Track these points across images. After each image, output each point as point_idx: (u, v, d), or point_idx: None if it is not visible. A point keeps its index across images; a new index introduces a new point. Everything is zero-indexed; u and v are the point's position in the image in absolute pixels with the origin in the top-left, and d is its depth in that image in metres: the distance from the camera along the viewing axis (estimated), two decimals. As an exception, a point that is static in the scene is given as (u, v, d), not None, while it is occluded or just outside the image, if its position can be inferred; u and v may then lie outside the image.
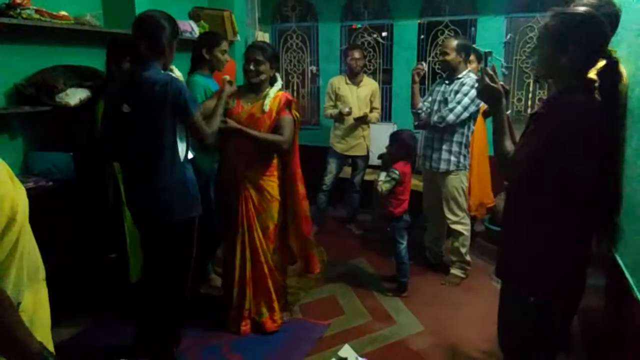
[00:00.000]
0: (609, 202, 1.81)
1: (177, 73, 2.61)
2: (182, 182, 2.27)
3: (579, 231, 1.65)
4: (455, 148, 3.37)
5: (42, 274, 1.19)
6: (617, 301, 1.98)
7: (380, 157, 3.37)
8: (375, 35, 5.14)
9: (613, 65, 1.60)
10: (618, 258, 1.98)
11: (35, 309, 1.14)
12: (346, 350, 2.62)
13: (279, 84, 2.75)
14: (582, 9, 1.58)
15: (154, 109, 2.15)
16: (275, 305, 2.86)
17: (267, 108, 2.65)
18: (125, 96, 2.22)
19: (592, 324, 2.41)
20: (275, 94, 2.69)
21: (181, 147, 2.26)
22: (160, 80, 2.14)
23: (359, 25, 5.19)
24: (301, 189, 2.84)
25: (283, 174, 2.83)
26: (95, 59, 3.05)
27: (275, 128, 2.66)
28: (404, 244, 3.31)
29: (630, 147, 1.92)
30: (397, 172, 3.14)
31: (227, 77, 2.61)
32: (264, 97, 2.67)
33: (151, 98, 2.14)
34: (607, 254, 2.02)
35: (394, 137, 3.28)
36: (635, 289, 1.76)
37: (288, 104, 2.70)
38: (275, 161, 2.76)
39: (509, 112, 1.80)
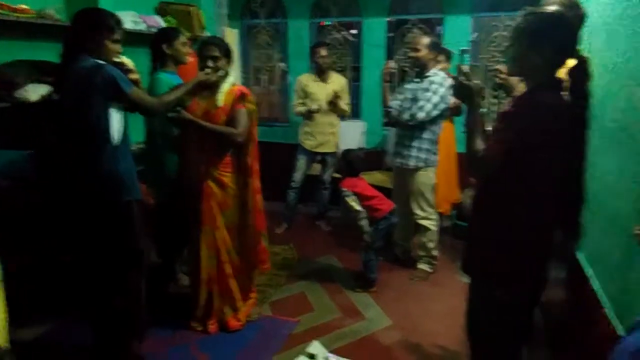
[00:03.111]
0: (572, 200, 1.87)
1: (126, 60, 2.53)
2: (114, 170, 2.23)
3: (543, 227, 1.69)
4: (425, 145, 3.43)
5: (-1, 275, 1.16)
6: (576, 292, 2.05)
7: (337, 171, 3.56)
8: (344, 33, 5.16)
9: (582, 65, 1.64)
10: (579, 252, 2.05)
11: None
12: (315, 347, 2.63)
13: (231, 78, 2.73)
14: (553, 8, 1.61)
15: (82, 95, 2.12)
16: (239, 304, 2.84)
17: (221, 103, 2.64)
18: (56, 87, 2.25)
19: (554, 315, 2.49)
20: (228, 88, 2.67)
21: (116, 134, 2.22)
22: (88, 66, 2.13)
23: (328, 23, 5.19)
24: (255, 183, 2.81)
25: (238, 168, 2.80)
26: (57, 54, 2.96)
27: (230, 122, 2.64)
28: (374, 245, 3.35)
29: (591, 146, 1.99)
30: (345, 191, 3.31)
31: (208, 70, 2.60)
32: (218, 93, 2.66)
33: (79, 85, 2.12)
34: (568, 249, 2.09)
35: (343, 155, 3.54)
36: (593, 280, 1.83)
37: (242, 97, 2.68)
38: (231, 157, 2.74)
39: (483, 110, 1.82)
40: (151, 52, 3.06)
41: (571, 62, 1.65)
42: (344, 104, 4.33)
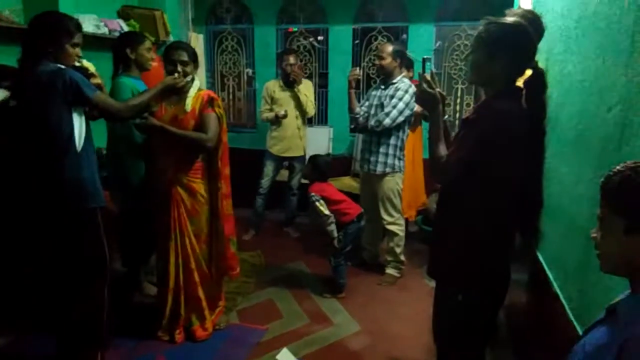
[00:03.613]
0: (531, 204, 1.93)
1: (87, 64, 2.48)
2: (76, 178, 2.18)
3: (503, 232, 1.74)
4: (391, 151, 3.48)
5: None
6: (538, 294, 2.11)
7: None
8: (311, 39, 5.19)
9: (539, 76, 1.70)
10: (539, 255, 2.12)
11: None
12: (284, 354, 2.62)
13: (197, 82, 2.70)
14: (512, 19, 1.67)
15: (43, 100, 2.07)
16: (206, 313, 2.80)
17: (189, 108, 2.61)
18: (14, 92, 2.20)
19: (516, 316, 2.56)
20: (196, 93, 2.65)
21: (78, 140, 2.17)
22: (48, 71, 2.08)
23: (295, 29, 5.21)
24: (224, 187, 2.78)
25: (209, 174, 2.77)
26: (14, 58, 2.87)
27: (199, 127, 2.61)
28: (344, 249, 3.36)
29: (548, 152, 2.06)
30: (313, 195, 3.32)
31: (176, 75, 2.57)
32: (186, 97, 2.63)
33: (39, 90, 2.07)
34: (529, 252, 2.15)
35: (309, 160, 3.55)
36: (553, 282, 1.89)
37: (210, 102, 2.65)
38: (201, 163, 2.71)
39: (446, 117, 1.85)
40: (113, 56, 3.00)
41: (529, 72, 1.71)
42: (309, 101, 4.32)
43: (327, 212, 3.29)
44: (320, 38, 5.16)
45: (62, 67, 2.12)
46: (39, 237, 2.37)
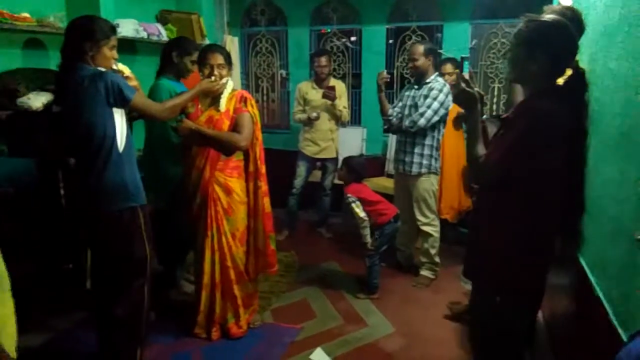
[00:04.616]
0: (573, 206, 1.87)
1: (122, 67, 2.54)
2: (120, 179, 2.22)
3: (544, 234, 1.70)
4: (426, 151, 3.45)
5: (7, 284, 1.16)
6: (579, 298, 2.05)
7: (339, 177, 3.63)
8: (344, 40, 5.19)
9: (580, 74, 1.66)
10: (580, 259, 2.06)
11: (3, 321, 1.11)
12: (318, 354, 2.63)
13: (231, 83, 2.74)
14: (552, 16, 1.63)
15: (86, 104, 2.12)
16: (241, 311, 2.83)
17: (223, 108, 2.65)
18: (56, 97, 2.25)
19: (557, 322, 2.49)
20: (230, 93, 2.69)
21: (120, 141, 2.22)
22: (89, 75, 2.13)
23: (328, 30, 5.22)
24: (264, 186, 2.82)
25: (245, 173, 2.81)
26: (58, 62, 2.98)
27: (234, 127, 2.65)
28: (380, 249, 3.35)
29: (591, 152, 2.00)
30: (349, 197, 3.32)
31: (213, 78, 2.62)
32: (220, 98, 2.67)
33: (81, 94, 2.12)
34: (570, 255, 2.09)
35: (344, 162, 3.53)
36: (595, 286, 1.83)
37: (244, 102, 2.69)
38: (238, 161, 2.75)
39: (484, 117, 1.82)
40: (161, 56, 3.08)
41: (569, 71, 1.67)
42: (341, 106, 4.33)
43: (362, 214, 3.28)
44: (353, 39, 5.15)
45: (102, 69, 2.18)
46: (81, 235, 2.44)
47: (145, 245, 2.33)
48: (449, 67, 3.90)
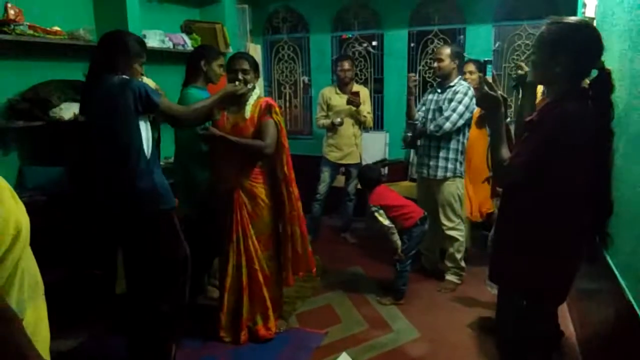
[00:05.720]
0: (600, 208, 1.84)
1: (146, 79, 2.61)
2: (150, 183, 2.27)
3: (570, 236, 1.68)
4: (452, 155, 3.43)
5: (41, 289, 1.20)
6: (609, 303, 2.01)
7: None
8: (365, 45, 5.20)
9: (605, 76, 1.63)
10: (610, 261, 2.01)
11: (37, 325, 1.14)
12: (344, 359, 2.63)
13: (257, 90, 2.78)
14: (575, 18, 1.61)
15: (115, 112, 2.17)
16: (270, 313, 2.86)
17: (248, 115, 2.69)
18: (82, 106, 2.33)
19: (586, 326, 2.44)
20: (255, 100, 2.73)
21: (146, 146, 2.26)
22: (117, 83, 2.18)
23: (350, 36, 5.24)
24: (295, 190, 2.86)
25: (270, 179, 2.85)
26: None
27: (258, 133, 2.69)
28: (410, 253, 3.33)
29: (618, 154, 1.96)
30: (372, 206, 3.31)
31: (237, 83, 2.66)
32: (245, 105, 2.71)
33: (110, 102, 2.17)
34: (598, 258, 2.05)
35: (357, 176, 3.56)
36: (626, 289, 1.79)
37: (269, 109, 2.72)
38: (262, 167, 2.78)
39: (508, 120, 1.81)
40: (187, 66, 3.13)
41: (594, 73, 1.65)
42: (365, 112, 4.34)
43: (386, 222, 3.26)
44: (375, 43, 5.16)
45: (128, 77, 2.24)
46: (113, 243, 2.50)
47: (182, 244, 2.40)
48: (470, 66, 3.86)
